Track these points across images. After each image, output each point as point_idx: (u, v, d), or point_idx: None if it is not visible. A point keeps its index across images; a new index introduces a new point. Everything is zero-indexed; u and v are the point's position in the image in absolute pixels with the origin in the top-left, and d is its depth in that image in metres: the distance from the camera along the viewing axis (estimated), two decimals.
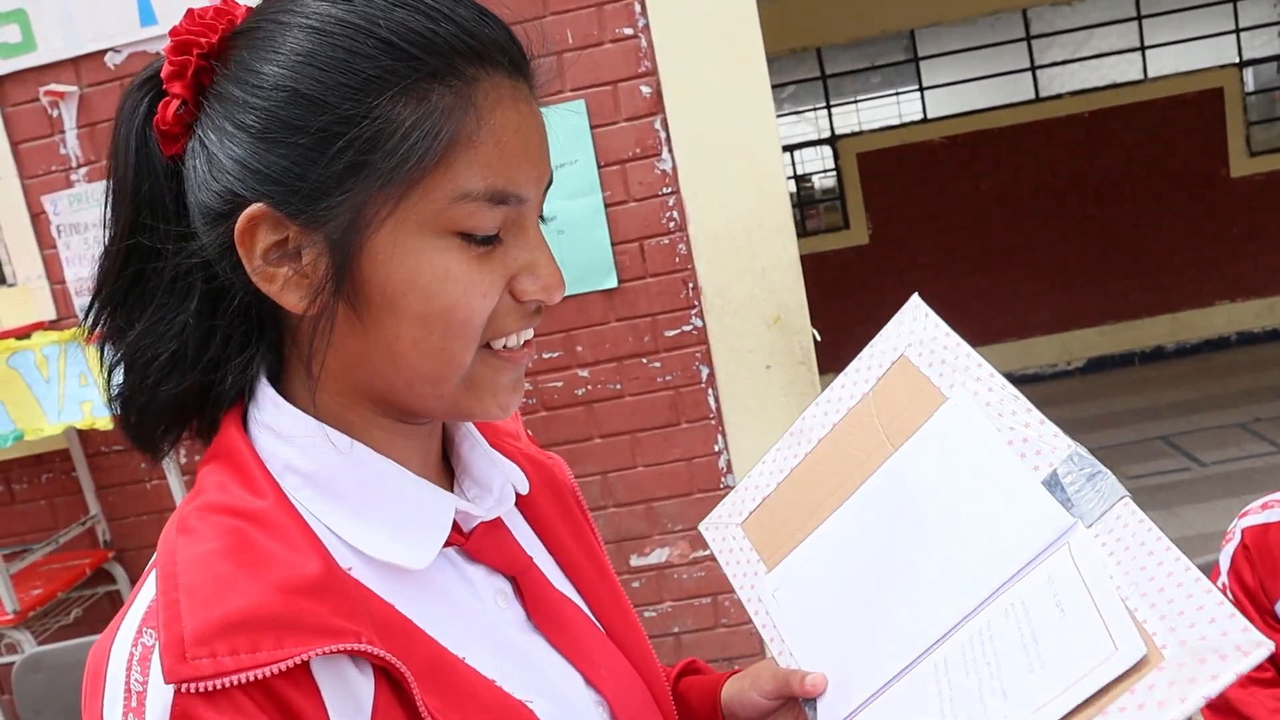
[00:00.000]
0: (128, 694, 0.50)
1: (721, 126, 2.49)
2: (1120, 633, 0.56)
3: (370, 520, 0.59)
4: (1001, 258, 6.22)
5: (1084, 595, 0.60)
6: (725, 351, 2.60)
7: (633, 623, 0.75)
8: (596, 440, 2.70)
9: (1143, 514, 0.61)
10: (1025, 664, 0.60)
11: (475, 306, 0.56)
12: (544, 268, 0.59)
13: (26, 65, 2.66)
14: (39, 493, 2.91)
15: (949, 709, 0.62)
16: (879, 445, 0.76)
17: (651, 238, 2.58)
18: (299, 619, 0.51)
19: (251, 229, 0.55)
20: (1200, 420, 4.97)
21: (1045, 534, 0.65)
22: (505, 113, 0.56)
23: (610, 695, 0.68)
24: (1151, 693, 0.53)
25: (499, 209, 0.56)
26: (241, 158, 0.55)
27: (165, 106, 0.57)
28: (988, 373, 0.72)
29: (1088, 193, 6.13)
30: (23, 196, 2.73)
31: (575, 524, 0.77)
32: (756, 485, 0.83)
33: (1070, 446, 0.66)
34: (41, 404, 2.43)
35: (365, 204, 0.54)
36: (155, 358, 0.58)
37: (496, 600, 0.65)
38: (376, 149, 0.53)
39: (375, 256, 0.55)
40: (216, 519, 0.55)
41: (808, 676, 0.73)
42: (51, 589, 2.63)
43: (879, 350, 0.79)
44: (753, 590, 0.80)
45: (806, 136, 6.49)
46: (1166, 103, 6.03)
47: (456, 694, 0.57)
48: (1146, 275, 6.21)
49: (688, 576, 2.76)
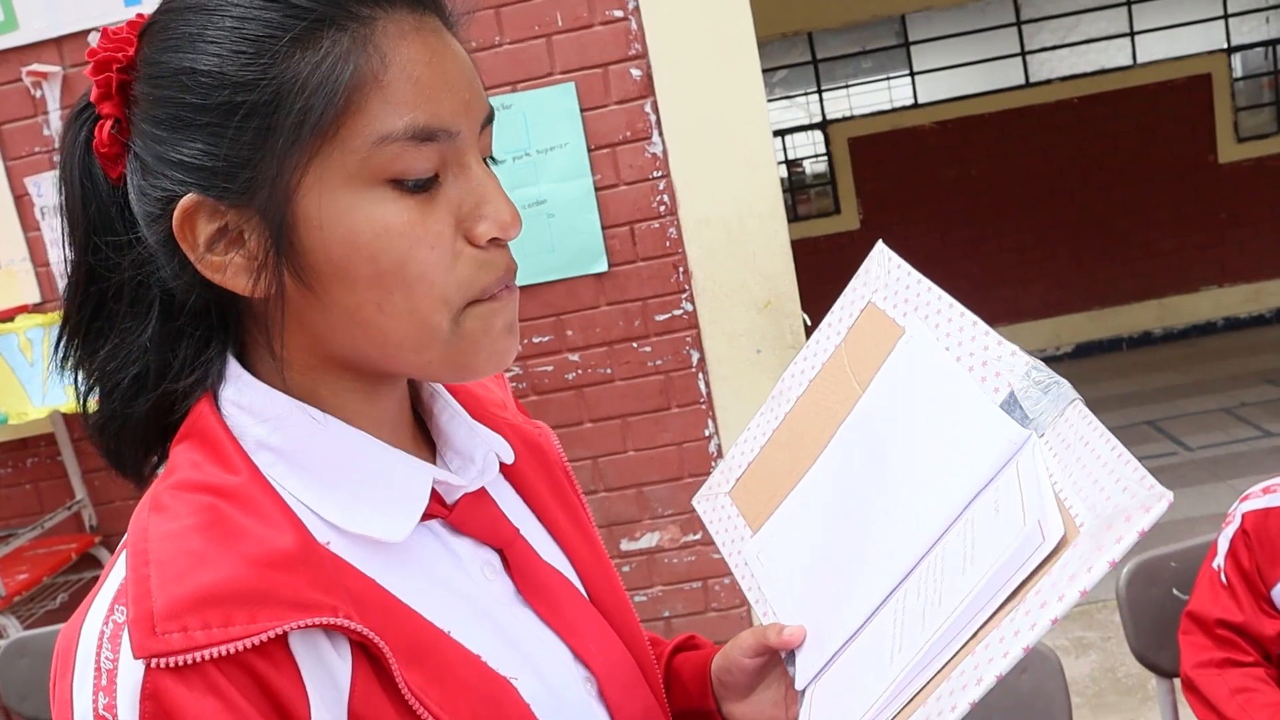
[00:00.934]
0: (98, 672, 0.49)
1: (712, 110, 2.48)
2: (1039, 515, 0.56)
3: (345, 493, 0.58)
4: (991, 243, 6.23)
5: (1017, 495, 0.59)
6: (716, 336, 2.59)
7: (620, 594, 0.75)
8: (587, 424, 2.69)
9: (1089, 413, 0.60)
10: (960, 568, 0.59)
11: (425, 259, 0.54)
12: (493, 203, 0.57)
13: (8, 45, 2.63)
14: (24, 477, 2.89)
15: (898, 635, 0.61)
16: (850, 392, 0.75)
17: (642, 222, 2.57)
18: (273, 592, 0.50)
19: (189, 221, 0.54)
20: (1187, 405, 5.00)
21: (1001, 451, 0.63)
22: (411, 47, 0.54)
23: (598, 670, 0.67)
24: (1064, 569, 0.52)
25: (428, 146, 0.54)
26: (164, 154, 0.54)
27: (100, 129, 0.57)
28: (947, 304, 0.71)
29: (1077, 178, 6.14)
30: (5, 178, 2.70)
31: (563, 494, 0.76)
32: (742, 452, 0.83)
33: (1027, 363, 0.65)
34: (25, 387, 2.41)
35: (282, 168, 0.53)
36: (120, 381, 0.58)
37: (484, 573, 0.64)
38: (280, 108, 0.52)
39: (310, 221, 0.54)
40: (189, 496, 0.54)
41: (785, 629, 0.72)
42: (37, 574, 2.61)
43: (848, 301, 0.78)
44: (739, 555, 0.79)
45: (797, 121, 6.48)
46: (1155, 88, 6.04)
47: (438, 669, 0.56)
48: (1134, 261, 6.23)
49: (678, 561, 2.76)
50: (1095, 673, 2.78)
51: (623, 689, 0.69)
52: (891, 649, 0.61)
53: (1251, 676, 1.27)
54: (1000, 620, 0.54)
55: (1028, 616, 0.52)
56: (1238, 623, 1.29)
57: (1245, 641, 1.30)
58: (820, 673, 0.69)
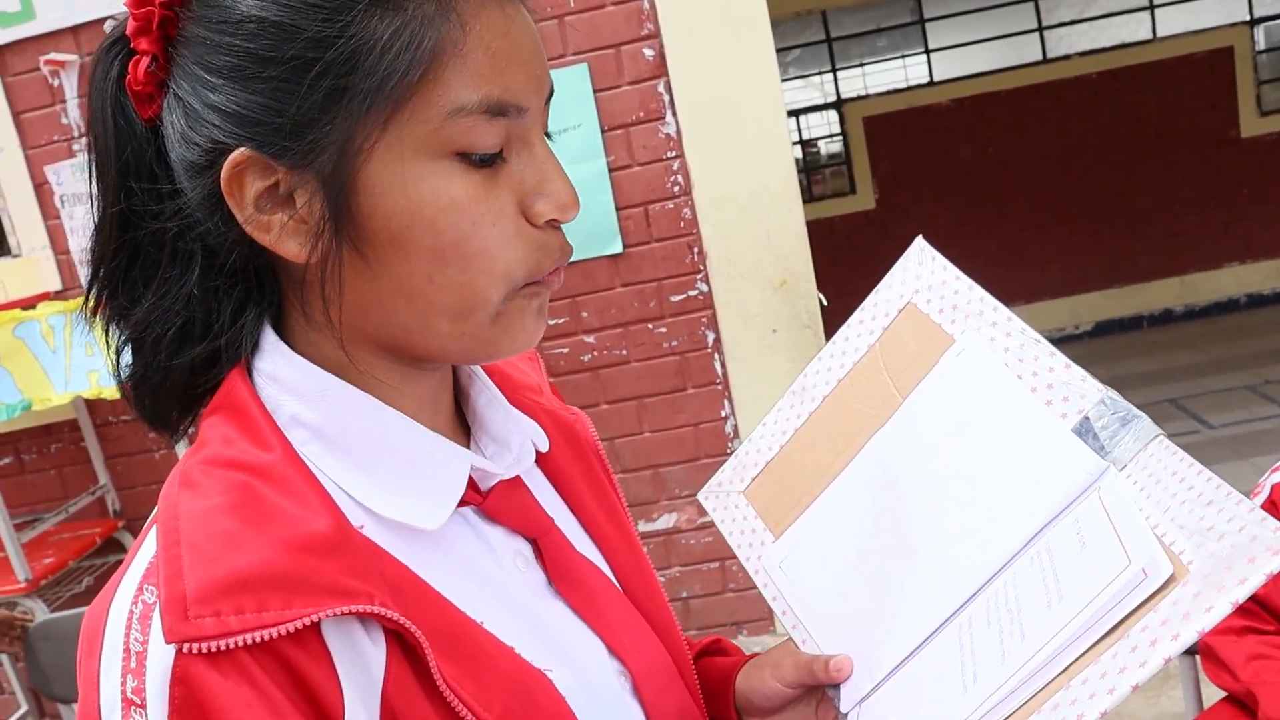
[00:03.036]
0: (126, 654, 0.47)
1: (725, 90, 2.47)
2: (1143, 554, 0.54)
3: (381, 477, 0.56)
4: (1009, 221, 6.19)
5: (1108, 528, 0.57)
6: (731, 316, 2.59)
7: (655, 588, 0.72)
8: (603, 406, 2.70)
9: (1177, 448, 0.58)
10: (1045, 601, 0.57)
11: (487, 236, 0.53)
12: (554, 183, 0.55)
13: (26, 34, 2.64)
14: (48, 463, 2.93)
15: (969, 664, 0.59)
16: (888, 399, 0.71)
17: (656, 202, 2.57)
18: (308, 578, 0.48)
19: (238, 176, 0.52)
20: (1208, 383, 4.95)
21: (1076, 480, 0.61)
22: (491, 16, 0.52)
23: (633, 665, 0.65)
24: (1175, 607, 0.51)
25: (498, 122, 0.52)
26: (217, 103, 0.51)
27: (135, 65, 0.54)
28: (1004, 316, 0.68)
29: (1096, 155, 6.08)
30: (25, 167, 2.72)
31: (597, 483, 0.74)
32: (758, 449, 0.78)
33: (1101, 390, 0.63)
34: (49, 374, 2.43)
35: (352, 132, 0.50)
36: (165, 332, 0.55)
37: (516, 563, 0.62)
38: (355, 69, 0.50)
39: (372, 189, 0.51)
40: (221, 473, 0.52)
41: (831, 661, 0.68)
42: (62, 558, 2.65)
43: (883, 299, 0.75)
44: (759, 561, 0.75)
45: (812, 101, 6.44)
46: (1176, 62, 5.96)
47: (473, 661, 0.54)
48: (1155, 238, 6.17)
49: (695, 542, 2.77)
50: None
51: (658, 686, 0.66)
52: (964, 679, 0.58)
53: (1269, 644, 1.27)
54: (1099, 655, 0.53)
55: (1135, 654, 0.51)
56: (1259, 594, 1.29)
57: (1266, 613, 1.30)
58: (867, 696, 0.66)
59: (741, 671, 0.77)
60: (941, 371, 0.69)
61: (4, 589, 2.52)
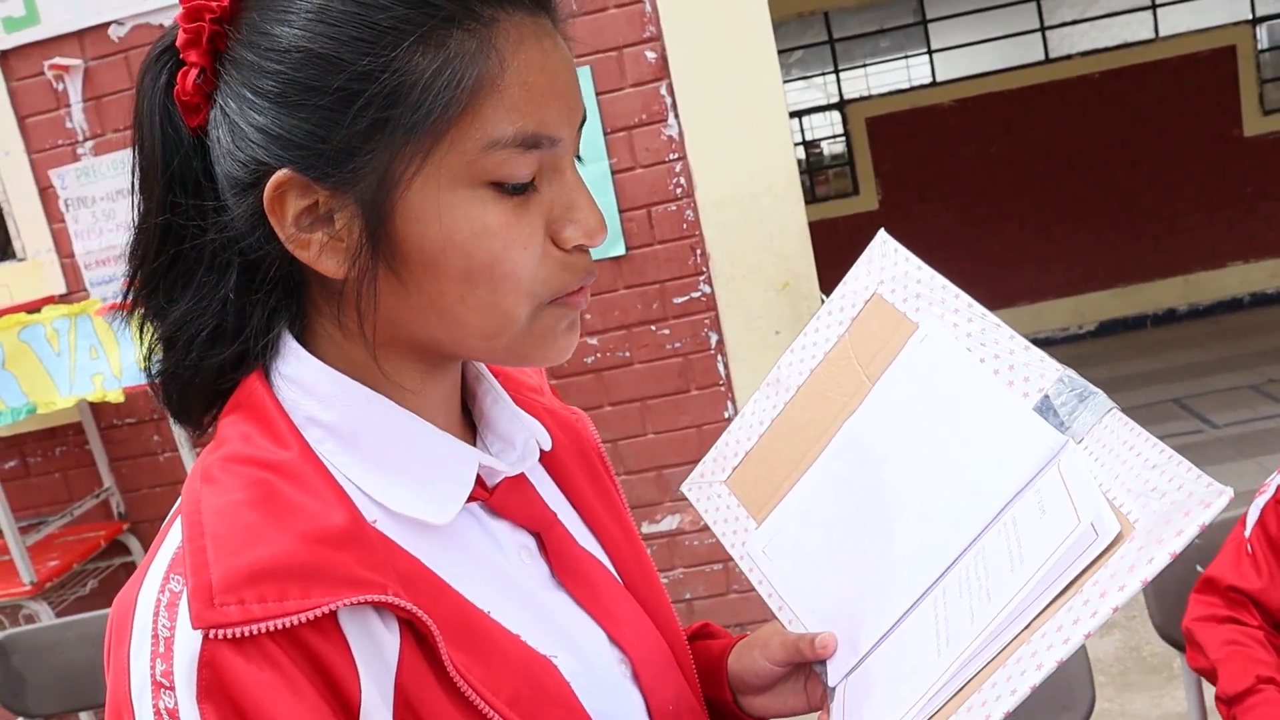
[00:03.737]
0: (155, 639, 0.50)
1: (728, 91, 2.47)
2: (1090, 512, 0.57)
3: (393, 474, 0.58)
4: (1012, 221, 6.18)
5: (1063, 495, 0.61)
6: (734, 318, 2.59)
7: (654, 580, 0.75)
8: (607, 408, 2.70)
9: (1129, 420, 0.62)
10: (1009, 566, 0.60)
11: (517, 259, 0.55)
12: (583, 210, 0.58)
13: (31, 39, 2.65)
14: (53, 466, 2.93)
15: (942, 630, 0.62)
16: (858, 386, 0.75)
17: (659, 204, 2.57)
18: (326, 569, 0.51)
19: (280, 196, 0.54)
20: (1212, 382, 4.95)
21: (1038, 455, 0.65)
22: (529, 52, 0.54)
23: (633, 653, 0.68)
24: (1122, 561, 0.54)
25: (532, 154, 0.54)
26: (263, 125, 0.53)
27: (184, 76, 0.55)
28: (965, 303, 0.71)
29: (1099, 154, 6.07)
30: (30, 171, 2.73)
31: (599, 480, 0.77)
32: (737, 440, 0.82)
33: (1059, 370, 0.66)
34: (53, 377, 2.44)
35: (393, 161, 0.53)
36: (198, 334, 0.58)
37: (521, 556, 0.65)
38: (398, 103, 0.52)
39: (409, 215, 0.54)
40: (241, 469, 0.54)
41: (817, 639, 0.71)
42: (67, 560, 2.66)
43: (850, 291, 0.78)
44: (744, 548, 0.79)
45: (815, 102, 6.44)
46: (1178, 62, 5.95)
47: (481, 648, 0.57)
48: (1158, 237, 6.16)
49: (699, 543, 2.77)
50: (1120, 651, 2.77)
51: (656, 673, 0.69)
52: (938, 644, 0.61)
53: (1247, 635, 1.29)
54: (1056, 612, 0.56)
55: (1087, 605, 0.54)
56: (1252, 590, 1.31)
57: (1255, 608, 1.31)
58: (851, 670, 0.69)
59: (732, 653, 0.80)
60: (906, 357, 0.73)
61: (9, 592, 2.52)
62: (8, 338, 2.41)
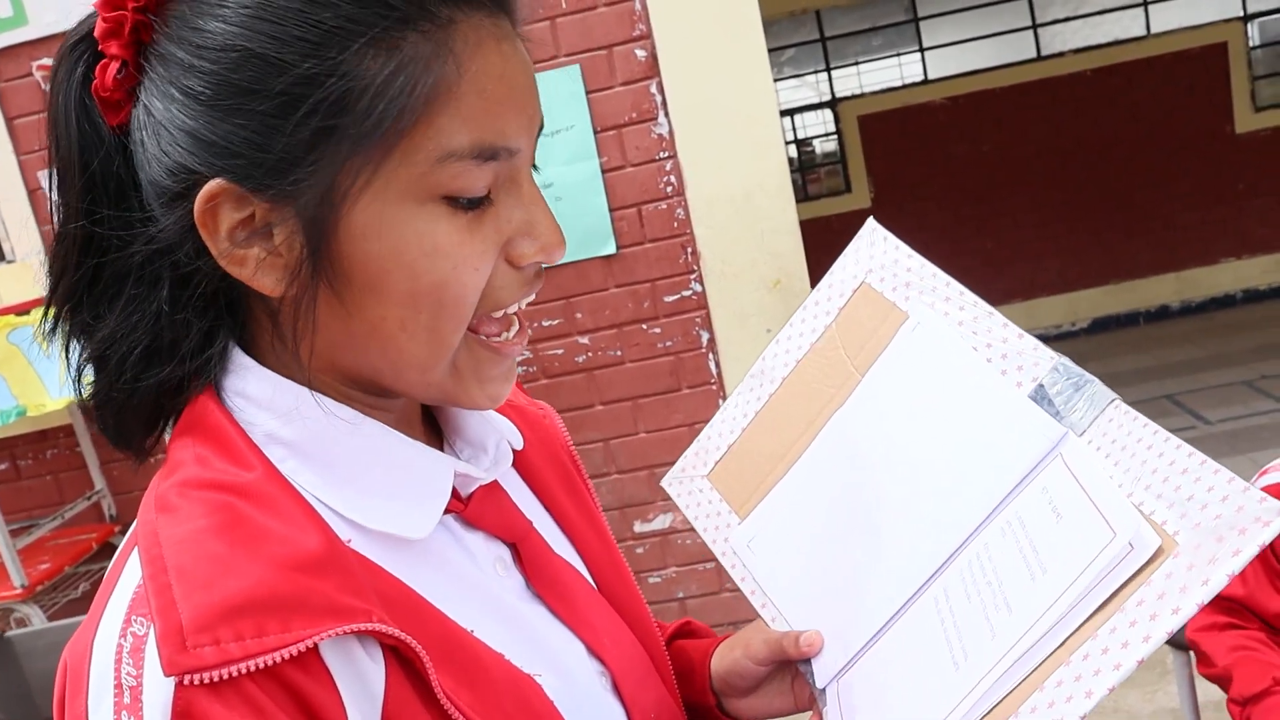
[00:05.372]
0: (119, 689, 0.45)
1: (718, 90, 2.47)
2: (1127, 527, 0.54)
3: (364, 489, 0.54)
4: (1005, 219, 6.19)
5: (1081, 498, 0.57)
6: (726, 316, 2.59)
7: (630, 584, 0.72)
8: (598, 407, 2.70)
9: (1136, 413, 0.59)
10: (1027, 574, 0.57)
11: (466, 282, 0.51)
12: (541, 225, 0.54)
13: (18, 40, 2.64)
14: (44, 468, 2.92)
15: (954, 635, 0.59)
16: (846, 376, 0.72)
17: (650, 203, 2.57)
18: (305, 598, 0.47)
19: (213, 209, 0.49)
20: (1206, 379, 4.96)
21: (1037, 447, 0.62)
22: (488, 57, 0.50)
23: (612, 664, 0.65)
24: (1170, 581, 0.51)
25: (488, 166, 0.50)
26: (193, 129, 0.49)
27: (103, 70, 0.51)
28: (957, 291, 0.69)
29: (1091, 152, 6.08)
30: (19, 173, 2.72)
31: (569, 480, 0.74)
32: (720, 433, 0.79)
33: (1054, 358, 0.63)
34: (43, 379, 2.43)
35: (339, 174, 0.48)
36: (130, 352, 0.53)
37: (496, 568, 0.62)
38: (346, 111, 0.47)
39: (354, 231, 0.50)
40: (202, 494, 0.50)
41: (801, 637, 0.68)
42: (59, 563, 2.65)
43: (838, 280, 0.75)
44: (726, 544, 0.76)
45: (807, 100, 6.44)
46: (1170, 59, 5.96)
47: (468, 671, 0.53)
48: (1151, 234, 6.17)
49: (691, 542, 2.77)
50: None
51: (636, 682, 0.67)
52: (953, 656, 0.59)
53: (1251, 639, 1.33)
54: (1096, 630, 0.53)
55: (1135, 629, 0.51)
56: (1239, 597, 1.34)
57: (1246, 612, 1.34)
58: (842, 671, 0.67)
59: (715, 654, 0.78)
60: (897, 346, 0.71)
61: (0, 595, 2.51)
62: None
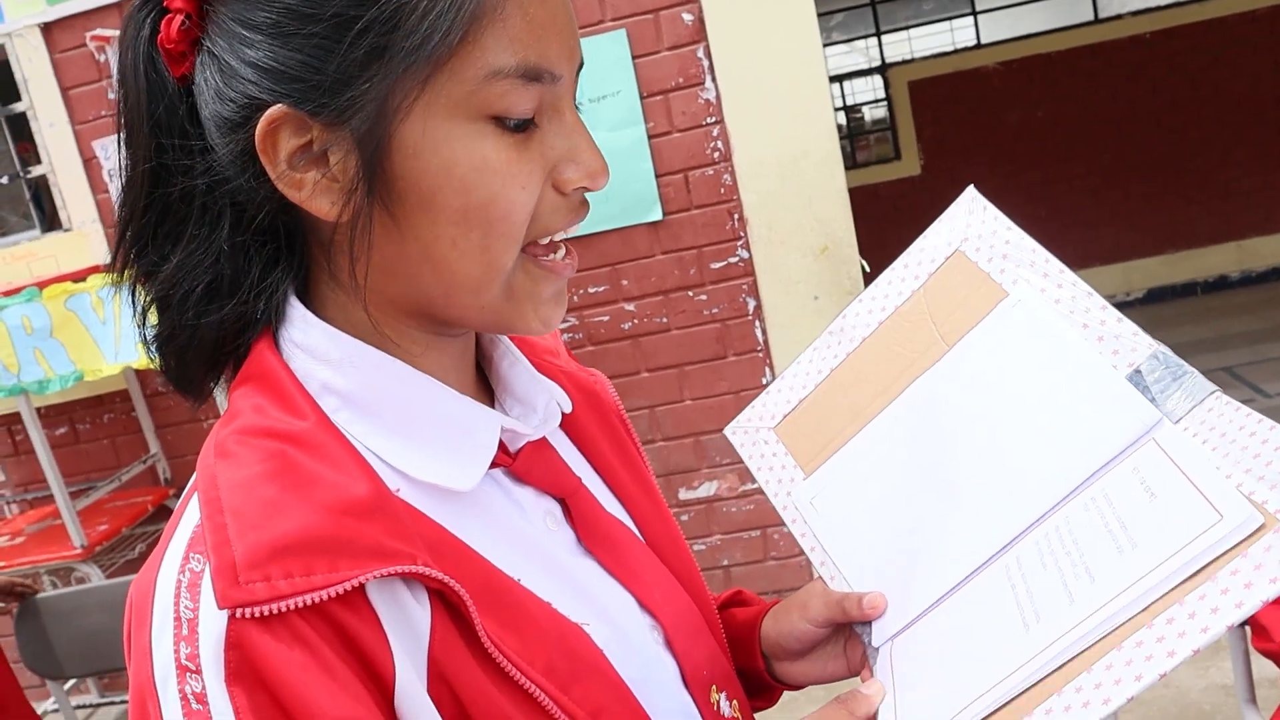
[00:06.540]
0: (178, 622, 0.48)
1: (766, 54, 2.44)
2: (1226, 503, 0.54)
3: (414, 440, 0.57)
4: (1059, 186, 6.06)
5: (1178, 478, 0.57)
6: (772, 283, 2.57)
7: (680, 543, 0.73)
8: (644, 374, 2.70)
9: (1238, 403, 0.58)
10: (1113, 547, 0.57)
11: (515, 199, 0.53)
12: (585, 152, 0.56)
13: (73, 11, 2.68)
14: (101, 432, 2.99)
15: (1025, 600, 0.59)
16: (932, 343, 0.72)
17: (696, 169, 2.55)
18: (352, 541, 0.49)
19: (273, 133, 0.52)
20: (1266, 350, 4.83)
21: (1129, 429, 0.61)
22: None
23: (664, 618, 0.66)
24: (1269, 554, 0.50)
25: (533, 87, 0.53)
26: (255, 59, 0.51)
27: (168, 24, 0.54)
28: (1056, 268, 0.68)
29: (1150, 117, 5.92)
30: (74, 142, 2.77)
31: (620, 442, 0.75)
32: (791, 387, 0.79)
33: (1153, 345, 0.63)
34: (99, 345, 2.48)
35: (390, 91, 0.51)
36: (192, 290, 0.55)
37: (546, 522, 0.64)
38: (397, 29, 0.50)
39: (406, 149, 0.52)
40: (257, 442, 0.52)
41: (865, 598, 0.68)
42: (116, 525, 2.72)
43: (931, 245, 0.75)
44: (788, 497, 0.76)
45: (856, 66, 6.34)
46: (1234, 20, 5.77)
47: (514, 617, 0.55)
48: (1211, 201, 6.01)
49: (737, 510, 2.77)
50: None
51: (688, 636, 0.68)
52: (1023, 618, 0.59)
53: None
54: (1184, 596, 0.53)
55: (1227, 596, 0.51)
56: None
57: None
58: (900, 632, 0.67)
59: (767, 617, 0.78)
60: (995, 322, 0.70)
61: (61, 554, 2.59)
62: (55, 307, 2.45)
